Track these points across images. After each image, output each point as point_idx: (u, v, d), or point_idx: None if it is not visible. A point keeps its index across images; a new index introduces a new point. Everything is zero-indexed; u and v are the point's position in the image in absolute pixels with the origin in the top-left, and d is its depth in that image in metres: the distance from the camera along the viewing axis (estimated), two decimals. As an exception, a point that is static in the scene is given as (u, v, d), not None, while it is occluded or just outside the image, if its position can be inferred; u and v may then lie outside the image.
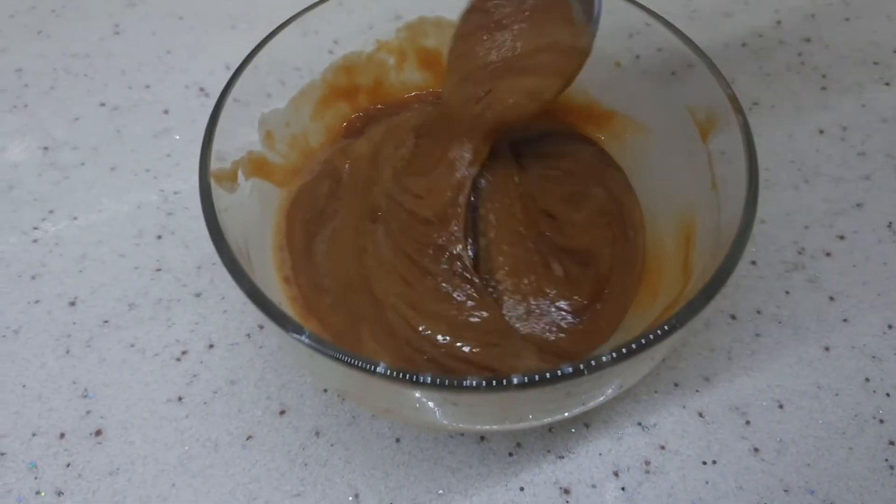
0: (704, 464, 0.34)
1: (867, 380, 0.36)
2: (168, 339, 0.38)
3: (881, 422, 0.35)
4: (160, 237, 0.42)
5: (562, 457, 0.34)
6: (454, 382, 0.24)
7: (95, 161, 0.46)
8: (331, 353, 0.25)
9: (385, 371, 0.25)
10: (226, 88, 0.33)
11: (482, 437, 0.35)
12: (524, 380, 0.24)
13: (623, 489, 0.33)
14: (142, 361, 0.37)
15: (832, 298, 0.39)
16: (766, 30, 0.51)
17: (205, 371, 0.37)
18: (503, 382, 0.24)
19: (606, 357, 0.25)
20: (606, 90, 0.40)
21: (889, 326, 0.38)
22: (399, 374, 0.24)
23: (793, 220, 0.41)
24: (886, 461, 0.34)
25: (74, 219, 0.43)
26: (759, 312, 0.38)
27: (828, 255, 0.40)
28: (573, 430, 0.35)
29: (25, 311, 0.39)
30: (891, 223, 0.41)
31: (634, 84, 0.38)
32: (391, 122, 0.40)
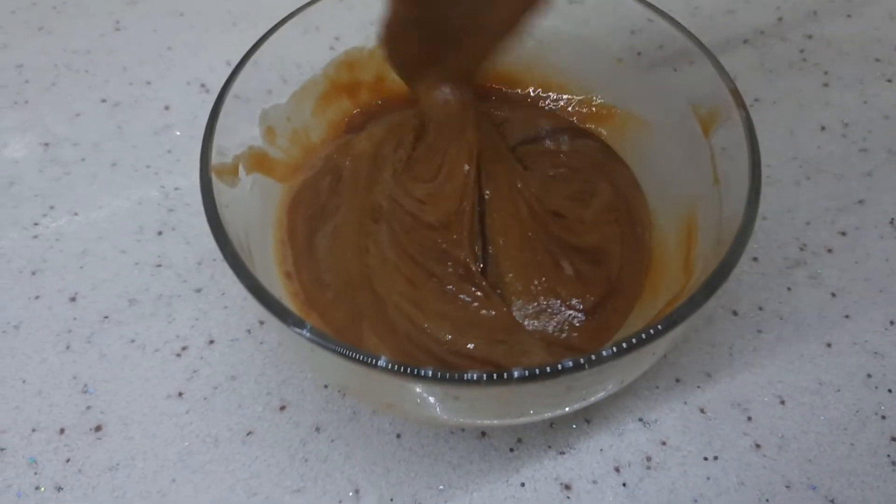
0: (706, 459, 0.34)
1: (869, 376, 0.36)
2: (168, 335, 0.38)
3: (883, 418, 0.35)
4: (161, 233, 0.42)
5: (563, 452, 0.34)
6: (455, 376, 0.24)
7: (96, 157, 0.46)
8: (332, 347, 0.25)
9: (386, 364, 0.24)
10: (226, 83, 0.33)
11: (483, 433, 0.35)
12: (525, 373, 0.24)
13: (624, 485, 0.33)
14: (142, 357, 0.37)
15: (834, 295, 0.38)
16: (768, 26, 0.50)
17: (205, 367, 0.37)
18: (504, 376, 0.24)
19: (607, 351, 0.25)
20: (608, 86, 0.39)
21: (891, 322, 0.37)
22: (400, 368, 0.24)
23: (794, 217, 0.41)
24: (888, 457, 0.33)
25: (75, 215, 0.43)
26: (761, 309, 0.38)
27: (829, 252, 0.40)
28: (574, 426, 0.35)
29: (26, 307, 0.39)
30: (892, 219, 0.41)
31: (636, 80, 0.38)
32: (392, 120, 0.40)
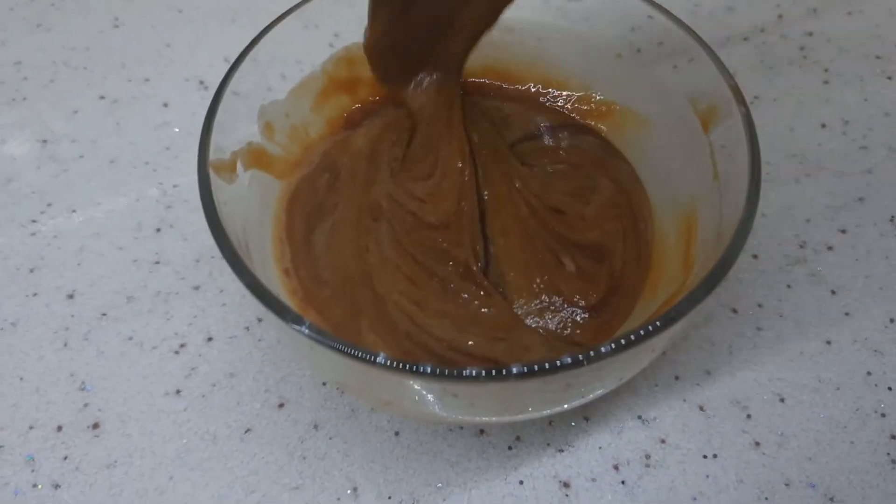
0: (705, 457, 0.34)
1: (869, 374, 0.36)
2: (166, 332, 0.38)
3: (883, 416, 0.34)
4: (159, 230, 0.42)
5: (561, 450, 0.34)
6: (454, 372, 0.24)
7: (94, 154, 0.45)
8: (331, 344, 0.25)
9: (385, 361, 0.24)
10: (224, 80, 0.32)
11: (481, 431, 0.35)
12: (524, 370, 0.24)
13: (623, 483, 0.33)
14: (140, 354, 0.37)
15: (834, 292, 0.38)
16: (768, 24, 0.50)
17: (203, 364, 0.37)
18: (503, 372, 0.24)
19: (606, 347, 0.24)
20: (608, 83, 0.39)
21: (891, 320, 0.37)
22: (399, 364, 0.24)
23: (794, 214, 0.41)
24: (888, 455, 0.33)
25: (73, 212, 0.43)
26: (761, 306, 0.38)
27: (829, 249, 0.40)
28: (573, 424, 0.35)
29: (23, 304, 0.39)
30: (893, 217, 0.41)
31: (636, 76, 0.38)
32: (388, 117, 0.40)
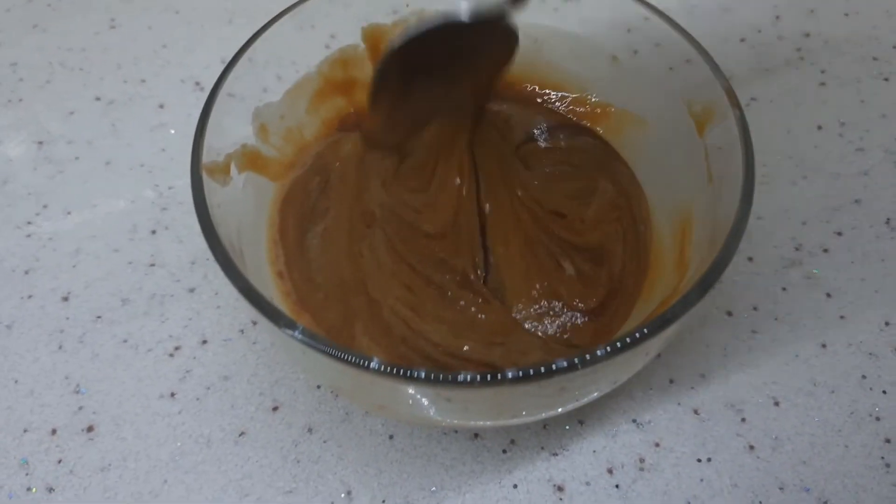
0: (699, 461, 0.34)
1: (864, 377, 0.36)
2: (161, 335, 0.38)
3: (877, 419, 0.34)
4: (154, 232, 0.42)
5: (556, 454, 0.34)
6: (448, 377, 0.24)
7: (90, 155, 0.45)
8: (324, 349, 0.25)
9: (378, 366, 0.24)
10: (218, 81, 0.32)
11: (476, 434, 0.35)
12: (518, 374, 0.24)
13: (617, 486, 0.33)
14: (135, 357, 0.37)
15: (829, 295, 0.38)
16: (765, 25, 0.50)
17: (198, 367, 0.37)
18: (497, 377, 0.24)
19: (601, 351, 0.24)
20: (604, 84, 0.39)
21: (886, 323, 0.37)
22: (392, 370, 0.24)
23: (790, 216, 0.41)
24: (882, 459, 0.33)
25: (68, 213, 0.43)
26: (756, 309, 0.38)
27: (825, 252, 0.40)
28: (567, 427, 0.35)
29: (18, 306, 0.39)
30: (889, 219, 0.41)
31: (632, 78, 0.38)
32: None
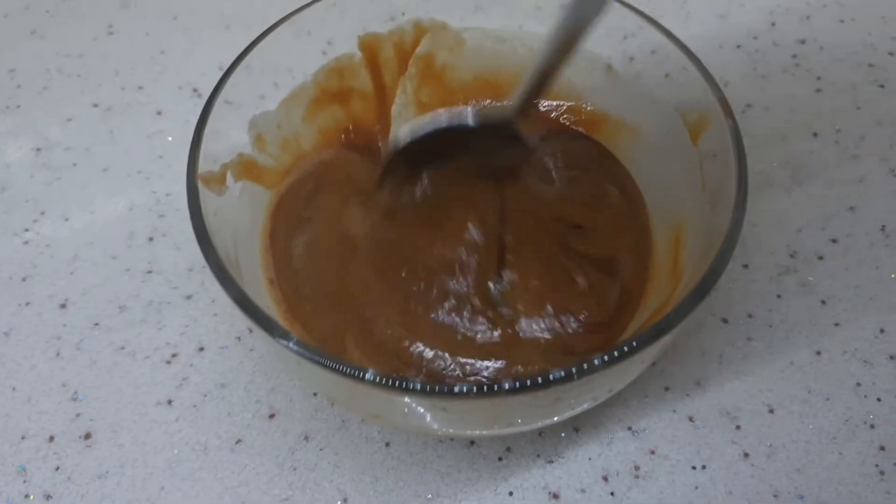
0: (694, 469, 0.34)
1: (858, 384, 0.36)
2: (158, 342, 0.38)
3: (872, 427, 0.35)
4: (152, 239, 0.42)
5: (551, 461, 0.34)
6: (444, 389, 0.24)
7: (88, 162, 0.46)
8: (318, 360, 0.25)
9: (374, 377, 0.24)
10: (216, 89, 0.33)
11: (472, 442, 0.35)
12: (515, 385, 0.24)
13: (612, 494, 0.33)
14: (132, 364, 0.37)
15: (824, 302, 0.38)
16: (761, 31, 0.50)
17: (195, 374, 0.37)
18: (493, 388, 0.24)
19: (597, 360, 0.24)
20: (599, 92, 0.39)
21: (881, 330, 0.37)
22: (388, 381, 0.24)
23: (785, 223, 0.41)
24: (877, 466, 0.33)
25: (66, 220, 0.43)
26: (751, 316, 0.38)
27: (820, 259, 0.40)
28: (563, 435, 0.35)
29: (16, 314, 0.39)
30: (884, 226, 0.41)
31: (627, 86, 0.38)
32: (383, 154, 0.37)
